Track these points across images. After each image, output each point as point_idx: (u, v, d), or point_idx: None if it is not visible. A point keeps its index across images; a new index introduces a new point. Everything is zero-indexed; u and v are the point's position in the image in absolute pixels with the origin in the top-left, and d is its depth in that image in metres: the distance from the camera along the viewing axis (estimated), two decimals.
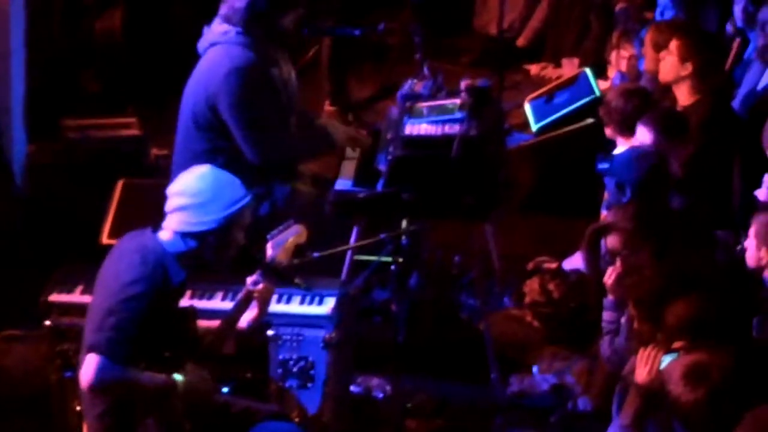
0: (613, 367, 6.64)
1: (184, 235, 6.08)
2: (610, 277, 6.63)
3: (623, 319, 6.52)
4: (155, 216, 6.22)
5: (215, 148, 7.12)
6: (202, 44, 7.28)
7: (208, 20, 7.34)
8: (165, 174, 7.09)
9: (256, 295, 6.33)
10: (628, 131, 7.73)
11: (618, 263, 6.61)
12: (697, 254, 6.72)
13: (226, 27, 7.17)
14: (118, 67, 10.36)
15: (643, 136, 7.54)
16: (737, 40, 9.45)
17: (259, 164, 6.97)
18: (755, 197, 7.39)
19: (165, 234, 6.11)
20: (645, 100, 7.91)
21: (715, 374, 5.54)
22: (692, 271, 6.23)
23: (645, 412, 5.86)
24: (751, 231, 6.55)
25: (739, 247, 6.95)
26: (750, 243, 6.56)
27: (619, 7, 10.35)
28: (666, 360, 6.00)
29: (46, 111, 9.34)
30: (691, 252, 6.67)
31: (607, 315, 6.68)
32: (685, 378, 5.53)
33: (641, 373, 5.90)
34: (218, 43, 7.20)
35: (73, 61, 10.30)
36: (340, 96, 10.16)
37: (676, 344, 5.96)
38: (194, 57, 7.34)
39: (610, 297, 6.67)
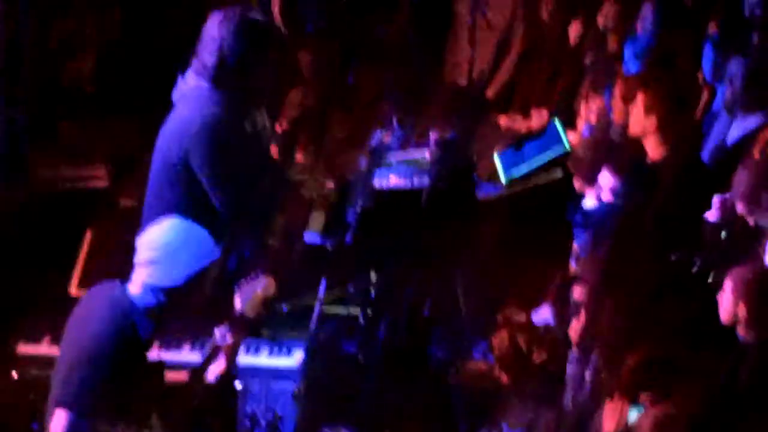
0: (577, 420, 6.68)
1: (153, 289, 6.07)
2: (574, 329, 6.66)
3: (587, 373, 6.54)
4: (125, 267, 6.22)
5: (185, 201, 7.08)
6: (175, 95, 7.26)
7: (183, 68, 7.33)
8: (135, 224, 7.05)
9: (223, 348, 6.33)
10: (593, 181, 7.78)
11: (582, 315, 6.64)
12: (662, 304, 6.65)
13: (197, 80, 7.14)
14: (88, 112, 10.36)
15: (607, 181, 7.59)
16: (705, 92, 9.51)
17: (229, 218, 6.95)
18: (705, 219, 7.44)
19: (134, 287, 6.13)
20: (613, 152, 7.94)
21: (684, 425, 5.55)
22: (657, 321, 6.27)
23: None
24: (727, 286, 6.55)
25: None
26: (725, 298, 6.56)
27: (588, 58, 10.40)
28: (633, 413, 6.01)
29: (15, 158, 9.33)
30: (656, 302, 6.64)
31: (570, 369, 6.71)
32: None
33: (609, 427, 5.91)
34: (190, 95, 7.18)
35: (39, 107, 10.28)
36: (314, 149, 10.14)
37: (643, 396, 5.98)
38: (167, 105, 7.33)
39: (575, 350, 6.70)
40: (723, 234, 7.23)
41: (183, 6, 10.03)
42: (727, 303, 6.53)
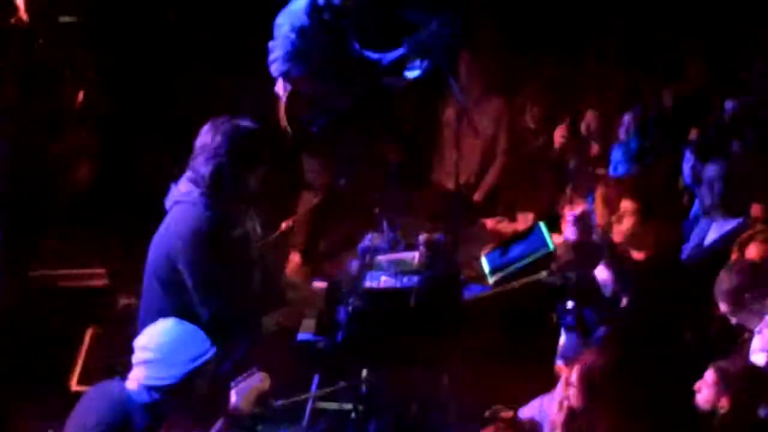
0: None
1: (148, 387, 6.12)
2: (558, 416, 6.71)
3: None
4: (124, 364, 6.26)
5: (178, 304, 7.13)
6: (168, 201, 7.31)
7: (177, 175, 7.37)
8: (133, 322, 7.09)
9: None
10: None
11: (565, 405, 6.67)
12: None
13: (190, 187, 7.19)
14: (86, 221, 10.40)
15: (602, 274, 7.64)
16: (686, 196, 9.57)
17: (207, 321, 6.96)
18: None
19: (131, 384, 6.19)
20: (595, 254, 7.99)
21: None
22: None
23: None
24: (709, 377, 6.58)
25: None
26: (706, 389, 6.59)
27: (572, 163, 10.46)
28: None
29: (16, 259, 9.35)
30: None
31: None
32: None
33: None
34: (182, 202, 7.22)
35: (39, 210, 10.31)
36: (312, 254, 10.17)
37: None
38: (161, 210, 7.38)
39: None
40: None
41: (177, 115, 10.06)
42: (709, 394, 6.56)
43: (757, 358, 7.04)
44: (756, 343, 7.09)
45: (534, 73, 11.89)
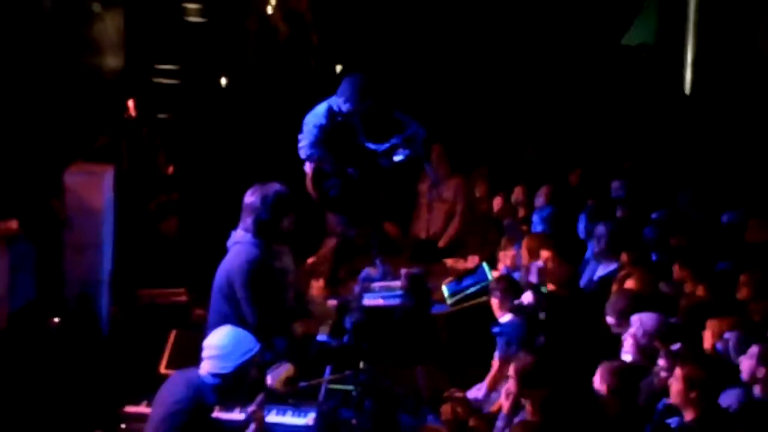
0: None
1: (213, 374, 6.12)
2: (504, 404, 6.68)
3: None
4: (197, 355, 6.27)
5: (234, 314, 7.12)
6: (229, 243, 7.32)
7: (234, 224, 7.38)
8: (204, 327, 7.09)
9: (256, 413, 6.33)
10: (507, 306, 7.79)
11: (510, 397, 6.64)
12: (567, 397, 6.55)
13: (243, 233, 7.22)
14: (173, 257, 10.39)
15: (528, 298, 7.64)
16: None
17: (253, 326, 6.96)
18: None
19: (202, 371, 6.18)
20: (513, 285, 7.98)
21: None
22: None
23: None
24: (598, 371, 6.57)
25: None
26: (597, 379, 6.56)
27: (506, 221, 10.45)
28: None
29: (124, 284, 9.33)
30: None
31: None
32: None
33: None
34: (238, 242, 7.24)
35: (141, 250, 10.28)
36: (333, 279, 10.12)
37: None
38: (223, 249, 7.38)
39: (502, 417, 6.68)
40: None
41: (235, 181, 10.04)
42: (598, 383, 6.55)
43: (626, 357, 7.04)
44: (626, 346, 7.08)
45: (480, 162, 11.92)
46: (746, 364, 6.44)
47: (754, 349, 6.42)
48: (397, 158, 9.94)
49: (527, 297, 7.73)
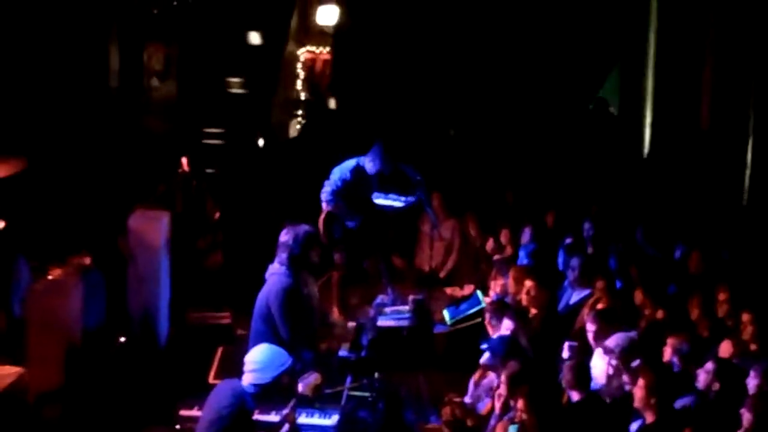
0: None
1: (254, 384, 6.11)
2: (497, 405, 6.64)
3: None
4: (239, 367, 6.25)
5: (272, 331, 7.10)
6: (267, 274, 7.32)
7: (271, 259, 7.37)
8: (245, 344, 7.05)
9: (289, 415, 6.30)
10: (496, 324, 7.74)
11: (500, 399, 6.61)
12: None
13: (278, 266, 7.23)
14: (219, 286, 10.35)
15: (508, 324, 7.57)
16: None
17: (287, 341, 6.93)
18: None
19: (244, 381, 6.17)
20: (504, 309, 7.93)
21: None
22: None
23: None
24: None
25: None
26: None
27: (495, 258, 10.42)
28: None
29: (178, 308, 9.29)
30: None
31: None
32: None
33: None
34: (274, 274, 7.25)
35: (192, 279, 10.24)
36: (344, 305, 10.06)
37: None
38: (262, 280, 7.36)
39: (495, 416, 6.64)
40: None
41: (270, 223, 9.99)
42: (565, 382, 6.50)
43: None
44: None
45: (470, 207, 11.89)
46: (702, 376, 6.39)
47: (710, 366, 6.37)
48: (403, 204, 9.86)
49: (507, 325, 7.65)
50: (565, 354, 7.23)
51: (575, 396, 6.51)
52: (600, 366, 6.74)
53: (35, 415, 7.31)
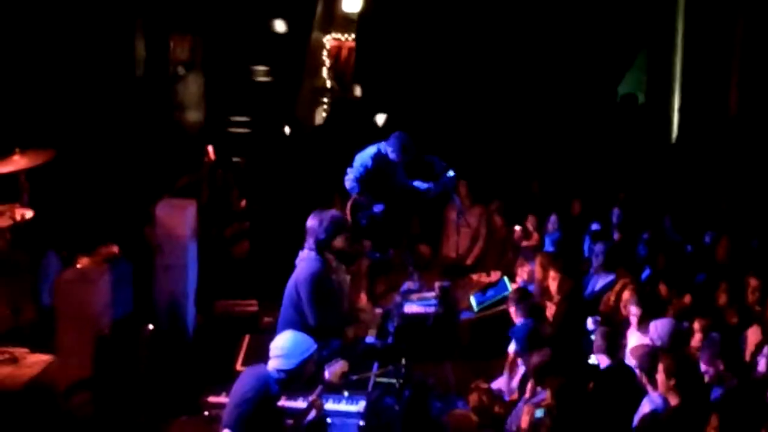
0: None
1: (279, 370, 6.14)
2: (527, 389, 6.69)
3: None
4: (266, 355, 6.29)
5: (300, 318, 7.15)
6: (297, 260, 7.38)
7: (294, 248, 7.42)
8: (272, 332, 7.09)
9: (316, 401, 6.34)
10: (522, 312, 7.77)
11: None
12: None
13: (308, 252, 7.28)
14: (246, 274, 10.40)
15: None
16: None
17: (314, 327, 6.98)
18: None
19: (270, 367, 6.20)
20: (525, 297, 7.97)
21: None
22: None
23: None
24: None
25: None
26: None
27: (522, 243, 10.43)
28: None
29: (205, 297, 9.34)
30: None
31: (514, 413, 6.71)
32: None
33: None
34: (304, 259, 7.31)
35: (218, 269, 10.28)
36: (372, 293, 10.10)
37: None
38: (291, 266, 7.40)
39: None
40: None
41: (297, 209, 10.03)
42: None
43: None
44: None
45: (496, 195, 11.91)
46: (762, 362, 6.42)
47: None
48: (430, 192, 9.89)
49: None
50: (590, 326, 7.29)
51: (604, 362, 6.54)
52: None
53: (65, 403, 7.38)
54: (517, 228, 10.87)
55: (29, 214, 8.12)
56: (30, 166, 8.25)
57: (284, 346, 6.21)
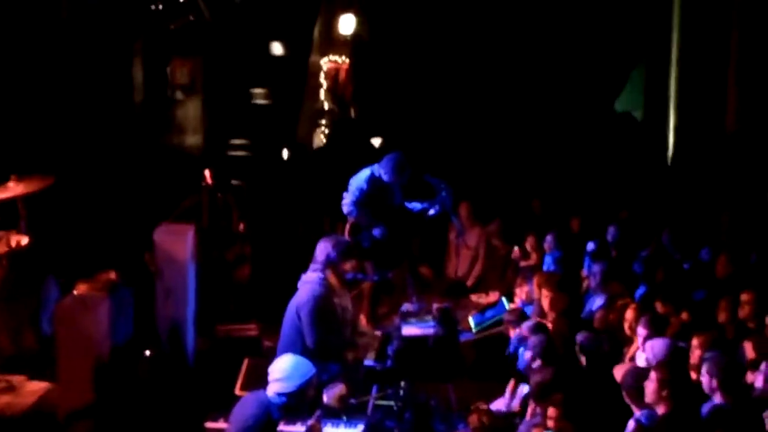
0: None
1: (279, 394, 6.15)
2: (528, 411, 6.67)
3: None
4: (265, 379, 6.29)
5: (300, 340, 7.17)
6: (300, 282, 7.41)
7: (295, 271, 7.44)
8: (271, 356, 7.09)
9: (314, 426, 6.34)
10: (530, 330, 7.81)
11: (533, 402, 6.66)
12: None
13: (311, 274, 7.31)
14: (247, 299, 10.39)
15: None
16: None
17: (313, 350, 6.98)
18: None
19: (269, 392, 6.20)
20: (523, 317, 7.99)
21: None
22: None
23: None
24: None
25: None
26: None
27: (521, 263, 10.44)
28: None
29: (206, 321, 9.35)
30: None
31: None
32: None
33: None
34: (307, 282, 7.34)
35: (219, 293, 10.28)
36: (373, 315, 10.10)
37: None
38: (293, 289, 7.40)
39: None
40: None
41: (301, 237, 10.04)
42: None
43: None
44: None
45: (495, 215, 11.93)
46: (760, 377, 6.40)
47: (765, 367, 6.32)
48: (431, 213, 9.89)
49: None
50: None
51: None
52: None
53: (66, 431, 7.37)
54: (516, 248, 10.88)
55: (25, 240, 8.12)
56: (27, 193, 8.26)
57: (283, 368, 6.22)
